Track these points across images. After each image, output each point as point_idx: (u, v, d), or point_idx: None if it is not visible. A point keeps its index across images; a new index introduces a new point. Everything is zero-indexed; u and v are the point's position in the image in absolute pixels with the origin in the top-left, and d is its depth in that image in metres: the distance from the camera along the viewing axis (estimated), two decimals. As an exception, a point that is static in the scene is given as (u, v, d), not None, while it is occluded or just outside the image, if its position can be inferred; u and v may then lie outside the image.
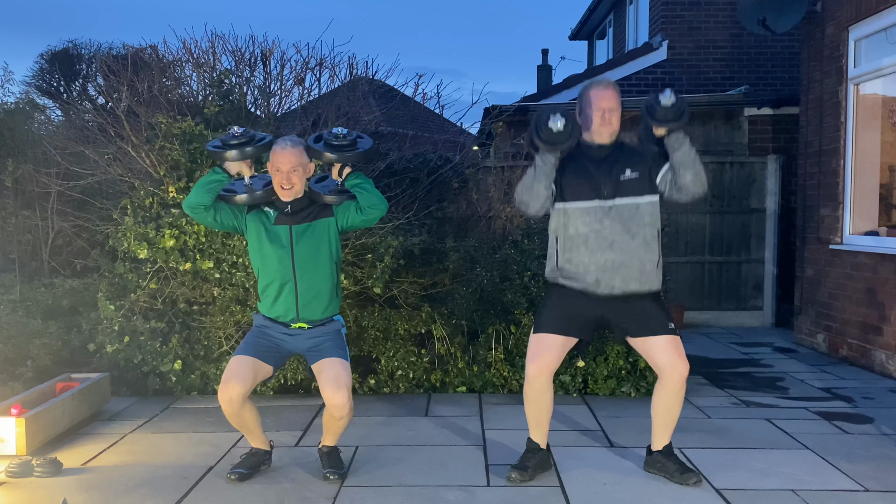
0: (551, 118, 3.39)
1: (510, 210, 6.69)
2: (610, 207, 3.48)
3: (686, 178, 3.44)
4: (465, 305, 5.51)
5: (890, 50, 6.13)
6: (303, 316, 3.57)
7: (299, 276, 3.54)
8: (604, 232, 3.47)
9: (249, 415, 3.57)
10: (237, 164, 3.56)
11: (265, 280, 3.60)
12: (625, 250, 3.47)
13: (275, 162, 3.51)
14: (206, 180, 3.54)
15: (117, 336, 5.07)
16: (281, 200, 3.57)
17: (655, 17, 11.00)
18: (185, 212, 3.62)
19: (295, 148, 3.51)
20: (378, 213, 3.57)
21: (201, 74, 6.43)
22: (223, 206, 3.59)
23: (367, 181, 3.60)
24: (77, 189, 5.98)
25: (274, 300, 3.58)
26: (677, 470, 3.61)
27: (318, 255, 3.56)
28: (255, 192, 3.59)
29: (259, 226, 3.58)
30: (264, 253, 3.57)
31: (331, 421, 3.60)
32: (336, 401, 3.44)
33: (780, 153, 8.56)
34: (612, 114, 3.50)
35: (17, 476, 3.66)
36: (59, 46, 12.57)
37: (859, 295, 6.40)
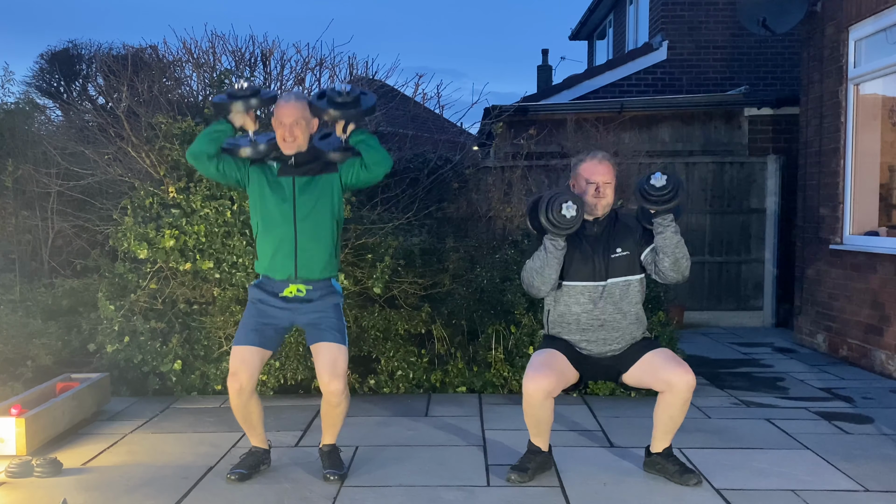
0: (565, 205, 3.40)
1: (510, 210, 6.69)
2: (603, 287, 3.52)
3: (664, 263, 3.49)
4: (465, 305, 5.51)
5: (890, 50, 6.13)
6: (301, 274, 3.52)
7: (300, 230, 3.50)
8: (595, 312, 3.53)
9: (255, 408, 3.60)
10: (241, 117, 3.56)
11: (264, 234, 3.56)
12: (616, 328, 3.56)
13: (278, 115, 3.50)
14: (210, 129, 3.54)
15: (117, 336, 5.07)
16: (284, 155, 3.55)
17: (655, 17, 11.01)
18: (189, 160, 3.59)
19: (298, 102, 3.51)
20: (383, 170, 3.54)
21: (201, 74, 6.42)
22: (226, 158, 3.57)
23: (372, 137, 3.58)
24: (77, 189, 5.98)
25: (272, 256, 3.53)
26: (677, 471, 3.61)
27: (321, 210, 3.53)
28: (259, 146, 3.59)
29: (261, 178, 3.56)
30: (266, 204, 3.54)
31: (328, 409, 3.60)
32: (332, 387, 3.46)
33: (780, 153, 8.56)
34: (606, 187, 3.53)
35: (17, 476, 3.66)
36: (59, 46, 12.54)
37: (859, 295, 6.40)
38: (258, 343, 3.52)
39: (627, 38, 12.98)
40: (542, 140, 7.97)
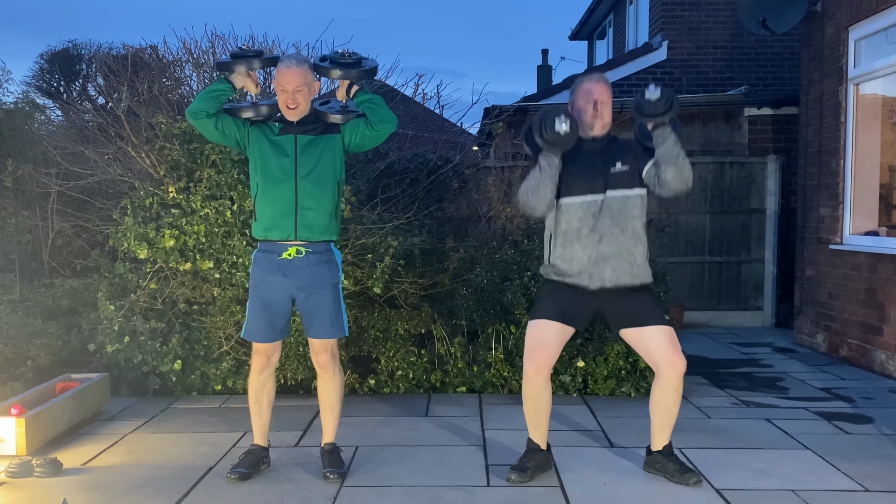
0: (557, 121, 3.41)
1: (510, 210, 6.69)
2: (602, 201, 3.51)
3: (668, 173, 3.45)
4: (465, 305, 5.51)
5: (890, 50, 6.13)
6: (300, 234, 3.50)
7: (301, 188, 3.48)
8: (595, 225, 3.50)
9: (272, 390, 3.79)
10: (243, 78, 3.58)
11: (264, 192, 3.53)
12: (614, 243, 3.50)
13: (280, 81, 3.49)
14: (211, 88, 3.55)
15: (117, 336, 5.07)
16: (287, 119, 3.57)
17: (655, 17, 11.00)
18: (188, 118, 3.59)
19: (300, 67, 3.50)
20: (388, 129, 3.55)
21: (201, 74, 6.42)
22: (226, 117, 3.58)
23: (377, 97, 3.58)
24: (77, 189, 5.98)
25: (272, 213, 3.51)
26: (677, 470, 3.61)
27: (322, 169, 3.52)
28: (259, 107, 3.61)
29: (262, 137, 3.56)
30: (267, 163, 3.53)
31: (324, 389, 3.70)
32: (321, 359, 3.64)
33: (780, 153, 8.56)
34: (603, 106, 3.54)
35: (17, 476, 3.66)
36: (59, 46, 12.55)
37: (859, 295, 6.40)
38: (275, 338, 3.67)
39: (627, 38, 12.98)
40: (542, 140, 7.94)
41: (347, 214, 5.10)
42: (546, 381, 3.62)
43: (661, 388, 3.56)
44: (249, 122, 3.62)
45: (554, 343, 3.59)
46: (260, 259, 3.61)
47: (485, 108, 7.82)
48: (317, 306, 3.58)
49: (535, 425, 3.72)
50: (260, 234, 3.58)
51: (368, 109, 3.55)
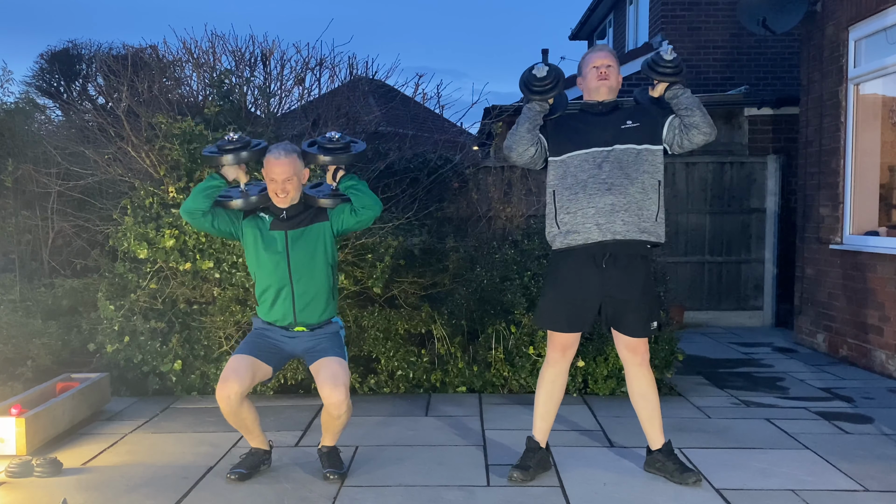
0: (536, 67, 3.54)
1: (510, 210, 6.70)
2: (609, 151, 3.50)
3: (695, 117, 3.48)
4: (465, 305, 5.51)
5: (890, 50, 6.13)
6: (300, 320, 3.61)
7: (295, 281, 3.57)
8: (602, 175, 3.47)
9: (248, 414, 3.57)
10: (234, 170, 3.61)
11: (262, 285, 3.64)
12: (624, 194, 3.45)
13: (269, 172, 3.53)
14: (204, 186, 3.59)
15: (117, 336, 5.07)
16: (277, 207, 3.60)
17: (655, 17, 11.00)
18: (183, 217, 3.66)
19: (289, 157, 3.53)
20: (372, 214, 3.59)
21: (201, 74, 6.42)
22: (220, 212, 3.63)
23: (361, 183, 3.64)
24: (77, 189, 5.98)
25: (271, 305, 3.62)
26: (677, 469, 3.61)
27: (314, 259, 3.59)
28: (250, 198, 3.63)
29: (255, 231, 3.62)
30: (260, 258, 3.61)
31: (329, 420, 3.61)
32: (333, 399, 3.44)
33: (780, 153, 8.56)
34: (608, 69, 3.59)
35: (17, 476, 3.66)
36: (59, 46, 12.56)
37: (859, 295, 6.40)
38: (255, 354, 3.56)
39: (627, 38, 12.98)
40: (542, 140, 7.95)
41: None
42: (566, 368, 3.69)
43: (630, 376, 3.69)
44: (242, 213, 3.66)
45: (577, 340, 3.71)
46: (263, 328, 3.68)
47: (485, 108, 7.83)
48: (318, 343, 3.63)
49: (541, 416, 3.72)
50: (263, 316, 3.67)
51: (352, 195, 3.60)
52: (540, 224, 6.19)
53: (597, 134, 3.52)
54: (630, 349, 3.65)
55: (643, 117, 3.57)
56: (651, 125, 3.55)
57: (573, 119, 3.62)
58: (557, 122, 3.62)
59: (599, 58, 3.61)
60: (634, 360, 3.66)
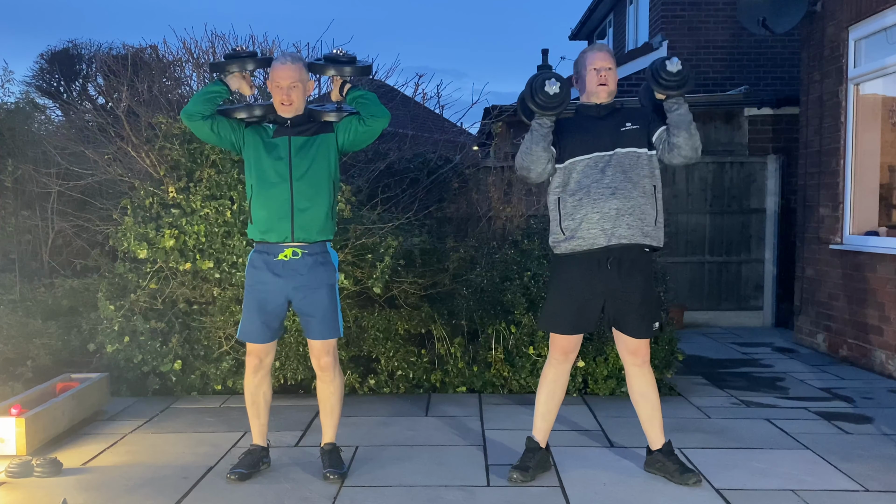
0: (547, 83, 3.44)
1: (510, 210, 6.69)
2: (611, 156, 3.49)
3: (680, 137, 3.46)
4: (465, 305, 5.51)
5: (890, 50, 6.13)
6: (297, 236, 3.51)
7: (296, 190, 3.49)
8: (605, 180, 3.46)
9: (268, 391, 3.75)
10: (238, 80, 3.61)
11: (260, 194, 3.54)
12: (628, 198, 3.45)
13: (274, 77, 3.51)
14: (206, 90, 3.57)
15: (117, 336, 5.07)
16: (281, 117, 3.57)
17: (655, 17, 11.00)
18: (183, 121, 3.59)
19: (295, 63, 3.53)
20: (380, 124, 3.55)
21: (201, 74, 6.42)
22: (221, 119, 3.59)
23: (370, 93, 3.61)
24: (77, 189, 5.98)
25: (268, 216, 3.51)
26: (677, 470, 3.61)
27: (317, 169, 3.53)
28: (254, 109, 3.64)
29: (257, 139, 3.57)
30: (261, 166, 3.54)
31: (324, 391, 3.69)
32: (322, 362, 3.62)
33: (780, 153, 8.56)
34: (607, 73, 3.55)
35: (17, 476, 3.66)
36: (59, 46, 12.59)
37: (859, 295, 6.40)
38: (269, 338, 3.66)
39: (627, 38, 12.98)
40: (542, 140, 7.94)
41: (347, 214, 5.10)
42: (568, 368, 3.70)
43: (630, 376, 3.70)
44: (244, 123, 3.63)
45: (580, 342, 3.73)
46: (256, 260, 3.61)
47: (485, 108, 7.82)
48: (313, 307, 3.58)
49: (542, 414, 3.72)
50: (256, 236, 3.59)
51: (360, 105, 3.57)
52: (540, 224, 6.19)
53: (597, 138, 3.51)
54: (631, 350, 3.65)
55: (642, 120, 3.56)
56: (647, 129, 3.55)
57: (571, 123, 3.60)
58: (557, 129, 3.58)
59: (599, 59, 3.56)
60: (635, 361, 3.66)
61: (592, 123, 3.56)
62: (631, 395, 3.75)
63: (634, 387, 3.71)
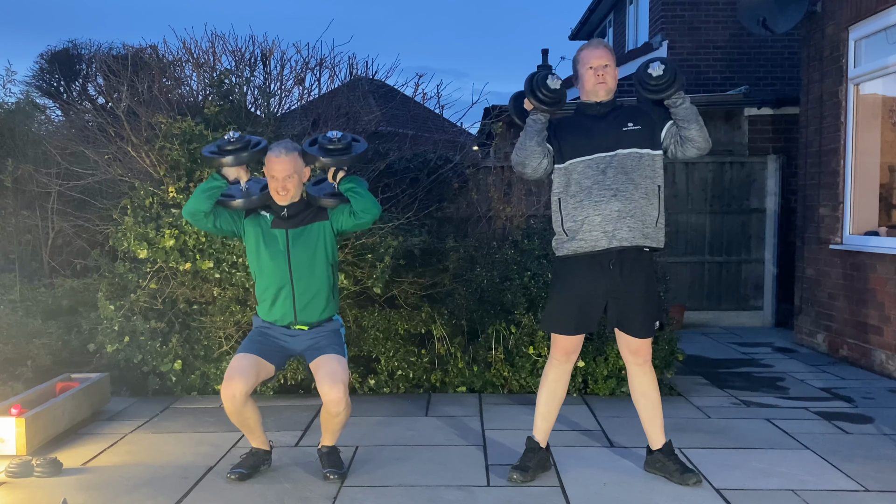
0: (550, 77, 3.44)
1: (510, 210, 6.69)
2: (612, 156, 3.47)
3: (691, 130, 3.45)
4: (465, 305, 5.51)
5: (890, 50, 6.13)
6: (301, 319, 3.62)
7: (296, 280, 3.58)
8: (607, 182, 3.44)
9: (251, 413, 3.57)
10: (234, 170, 3.61)
11: (262, 284, 3.65)
12: (629, 199, 3.43)
13: (270, 169, 3.55)
14: (205, 187, 3.58)
15: (117, 336, 5.07)
16: (277, 204, 3.60)
17: (655, 17, 11.00)
18: (185, 218, 3.66)
19: (289, 155, 3.54)
20: (370, 218, 3.59)
21: (201, 74, 6.42)
22: (222, 212, 3.63)
23: (361, 185, 3.63)
24: (77, 189, 5.98)
25: (272, 304, 3.63)
26: (677, 470, 3.61)
27: (314, 258, 3.60)
28: (251, 197, 3.63)
29: (256, 230, 3.63)
30: (261, 257, 3.62)
31: (328, 418, 3.60)
32: (332, 396, 3.45)
33: (780, 153, 8.56)
34: (605, 70, 3.52)
35: (17, 476, 3.66)
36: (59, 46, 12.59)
37: (859, 295, 6.40)
38: (257, 353, 3.58)
39: (627, 37, 12.98)
40: (543, 140, 7.94)
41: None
42: (569, 369, 3.69)
43: (632, 376, 3.69)
44: (244, 212, 3.66)
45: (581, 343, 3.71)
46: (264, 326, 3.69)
47: (485, 108, 7.82)
48: (318, 341, 3.64)
49: (542, 414, 3.72)
50: (262, 316, 3.69)
51: (352, 198, 3.59)
52: (540, 224, 6.19)
53: (599, 138, 3.49)
54: (633, 350, 3.65)
55: (643, 120, 3.53)
56: (651, 129, 3.52)
57: (572, 123, 3.58)
58: (556, 128, 3.58)
59: (596, 57, 3.53)
60: (637, 361, 3.66)
61: (593, 123, 3.54)
62: (632, 394, 3.75)
63: (636, 386, 3.71)
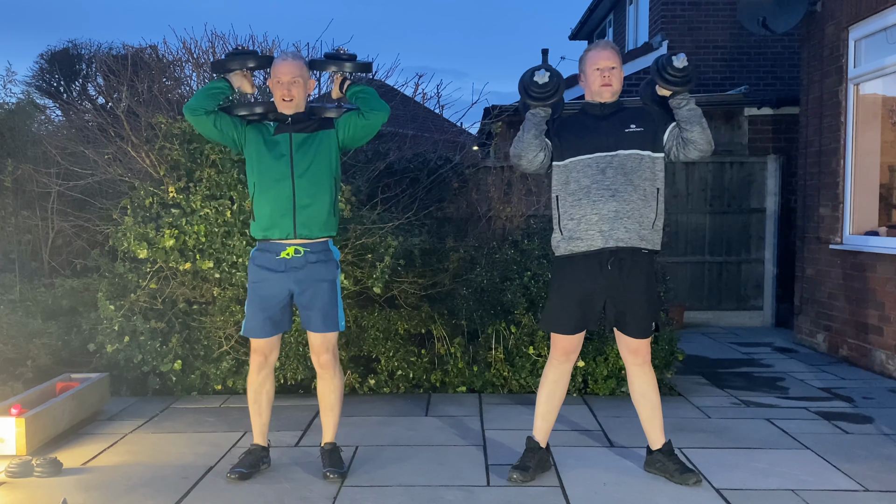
0: (536, 73, 3.47)
1: (510, 210, 6.69)
2: (612, 157, 3.47)
3: (694, 132, 3.46)
4: (465, 305, 5.51)
5: (890, 50, 6.13)
6: (299, 232, 3.52)
7: (298, 187, 3.50)
8: (605, 182, 3.45)
9: (271, 388, 3.77)
10: (239, 77, 3.65)
11: (262, 192, 3.55)
12: (627, 200, 3.44)
13: (276, 74, 3.55)
14: (209, 86, 3.62)
15: (117, 336, 5.07)
16: (282, 115, 3.59)
17: (655, 17, 11.01)
18: (186, 116, 3.62)
19: (295, 60, 3.58)
20: (380, 118, 3.56)
21: (201, 74, 6.42)
22: (223, 115, 3.62)
23: (370, 88, 3.64)
24: (77, 189, 5.97)
25: (270, 213, 3.53)
26: (677, 470, 3.61)
27: (318, 166, 3.54)
28: (254, 107, 3.69)
29: (258, 136, 3.59)
30: (263, 163, 3.55)
31: (324, 389, 3.69)
32: (322, 359, 3.64)
33: (780, 153, 8.56)
34: (611, 72, 3.52)
35: (17, 476, 3.66)
36: (59, 46, 12.59)
37: (859, 295, 6.40)
38: (273, 332, 3.66)
39: (627, 37, 12.98)
40: (542, 140, 7.94)
41: (347, 214, 5.10)
42: (569, 368, 3.70)
43: (631, 376, 3.70)
44: (246, 121, 3.65)
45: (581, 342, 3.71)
46: (257, 258, 3.64)
47: (485, 108, 7.82)
48: (314, 301, 3.59)
49: (542, 414, 3.72)
50: (258, 233, 3.61)
51: (360, 100, 3.59)
52: (540, 224, 6.19)
53: (600, 138, 3.49)
54: (632, 350, 3.65)
55: (646, 122, 3.54)
56: (653, 131, 3.53)
57: (575, 121, 3.59)
58: (559, 126, 3.59)
59: (603, 59, 3.53)
60: (636, 361, 3.67)
61: (596, 123, 3.54)
62: (632, 394, 3.75)
63: (635, 386, 3.71)
